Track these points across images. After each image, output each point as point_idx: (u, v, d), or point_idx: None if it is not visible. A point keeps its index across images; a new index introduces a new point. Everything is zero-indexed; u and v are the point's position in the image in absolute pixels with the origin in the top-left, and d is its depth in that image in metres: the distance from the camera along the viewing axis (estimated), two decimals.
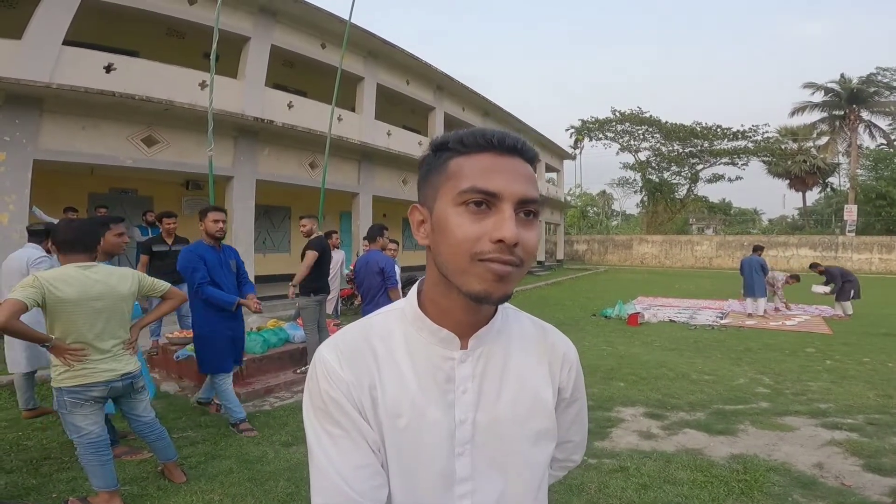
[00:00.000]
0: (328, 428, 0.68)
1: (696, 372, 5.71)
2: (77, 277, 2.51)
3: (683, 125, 33.80)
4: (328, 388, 0.69)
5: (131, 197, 10.50)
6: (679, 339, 7.69)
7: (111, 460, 2.64)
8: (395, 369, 0.72)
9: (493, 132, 0.67)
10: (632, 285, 16.96)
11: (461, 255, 0.64)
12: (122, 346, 2.69)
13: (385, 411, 0.70)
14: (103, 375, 2.57)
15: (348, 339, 0.73)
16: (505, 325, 0.78)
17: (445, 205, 0.66)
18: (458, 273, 0.65)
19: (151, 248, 5.79)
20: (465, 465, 0.72)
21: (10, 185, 6.94)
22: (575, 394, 0.84)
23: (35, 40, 7.06)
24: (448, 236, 0.65)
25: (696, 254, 28.97)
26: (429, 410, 0.71)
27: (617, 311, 9.72)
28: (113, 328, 2.62)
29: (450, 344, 0.72)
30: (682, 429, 3.94)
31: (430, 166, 0.71)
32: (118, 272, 2.71)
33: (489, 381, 0.74)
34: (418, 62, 13.69)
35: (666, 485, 2.96)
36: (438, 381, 0.72)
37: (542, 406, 0.77)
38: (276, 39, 10.22)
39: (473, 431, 0.72)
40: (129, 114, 8.09)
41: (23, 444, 3.45)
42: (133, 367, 2.72)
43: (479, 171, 0.65)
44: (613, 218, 50.42)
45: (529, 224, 0.66)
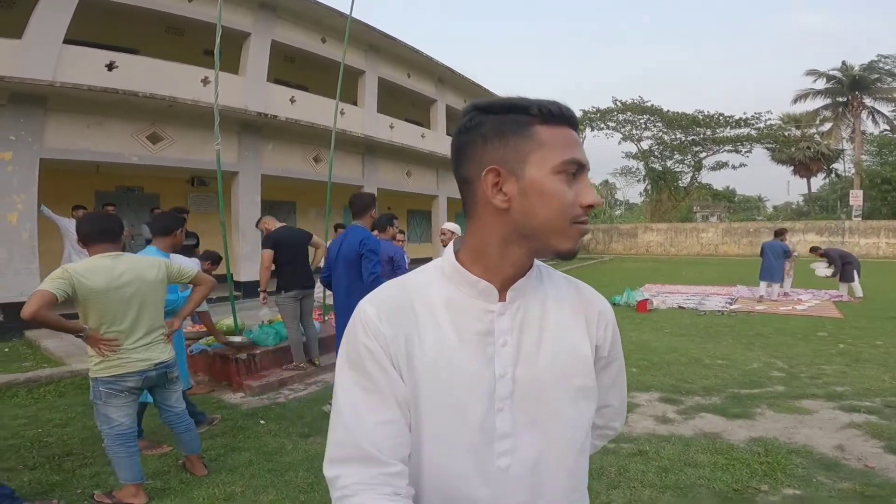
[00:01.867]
0: (360, 380, 0.69)
1: (709, 357, 5.69)
2: (105, 266, 2.51)
3: (685, 113, 33.54)
4: (366, 340, 0.70)
5: (137, 194, 10.51)
6: (689, 325, 7.66)
7: (138, 453, 2.65)
8: (434, 323, 0.72)
9: (561, 104, 0.72)
10: (638, 273, 16.90)
11: (562, 219, 0.69)
12: (158, 336, 2.68)
13: (423, 365, 0.70)
14: (138, 365, 2.57)
15: (388, 294, 0.75)
16: (539, 282, 0.78)
17: (543, 173, 0.69)
18: (556, 233, 0.70)
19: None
20: (505, 420, 0.71)
21: (17, 184, 6.95)
22: (612, 353, 0.84)
23: (36, 39, 7.05)
24: (550, 201, 0.69)
25: (702, 241, 28.83)
26: (468, 363, 0.71)
27: (625, 299, 9.69)
28: (146, 317, 2.61)
29: (489, 296, 0.73)
30: (698, 413, 3.93)
31: (505, 128, 0.70)
32: (146, 260, 2.71)
33: (528, 335, 0.74)
34: (419, 55, 13.62)
35: (687, 468, 2.96)
36: (479, 334, 0.72)
37: (582, 361, 0.77)
38: (277, 35, 10.19)
39: (513, 387, 0.72)
40: (133, 111, 8.09)
41: (44, 441, 3.45)
42: (167, 357, 2.71)
43: (569, 144, 0.70)
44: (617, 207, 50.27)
45: None
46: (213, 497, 2.72)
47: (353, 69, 11.85)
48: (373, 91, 12.62)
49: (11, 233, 6.81)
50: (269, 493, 2.75)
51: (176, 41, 9.81)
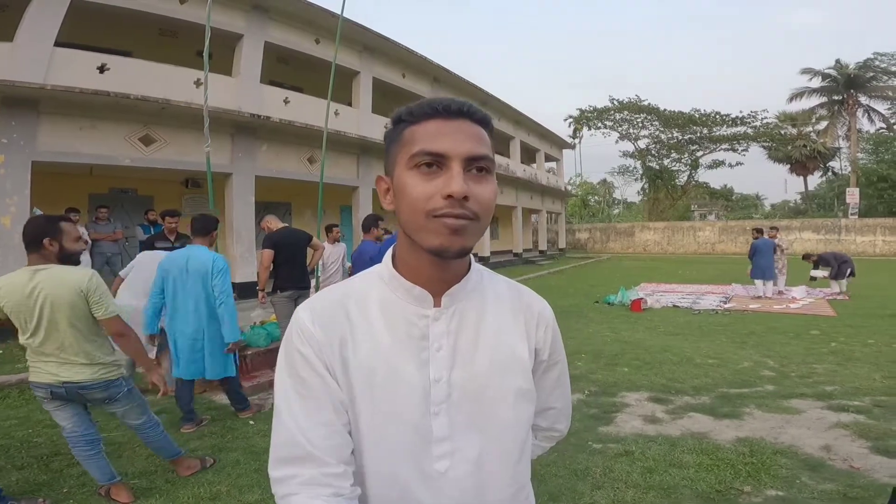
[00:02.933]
0: (296, 386, 0.70)
1: (701, 356, 5.70)
2: (19, 282, 2.42)
3: (682, 112, 33.69)
4: (300, 345, 0.71)
5: (131, 196, 10.49)
6: (683, 324, 7.68)
7: (95, 456, 2.64)
8: (369, 327, 0.73)
9: (440, 99, 0.71)
10: (634, 272, 16.94)
11: (418, 213, 0.67)
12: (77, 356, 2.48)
13: (357, 369, 0.71)
14: (44, 377, 2.49)
15: (325, 299, 0.76)
16: (479, 285, 0.79)
17: (402, 170, 0.70)
18: (418, 230, 0.68)
19: (154, 246, 5.79)
20: (442, 424, 0.73)
21: (10, 187, 6.93)
22: (554, 356, 0.85)
23: (27, 42, 7.02)
24: (405, 197, 0.68)
25: (699, 240, 28.90)
26: (403, 368, 0.72)
27: (620, 298, 9.72)
28: (55, 334, 2.45)
29: (423, 301, 0.74)
30: (687, 413, 3.94)
31: (390, 139, 0.75)
32: (66, 278, 2.45)
33: (464, 339, 0.75)
34: (414, 55, 13.62)
35: (672, 468, 2.96)
36: (413, 338, 0.73)
37: (519, 364, 0.78)
38: (270, 36, 10.16)
39: (449, 390, 0.73)
40: (126, 113, 8.06)
41: (33, 441, 3.47)
42: (82, 378, 2.50)
43: (428, 136, 0.68)
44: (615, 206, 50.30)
45: (481, 179, 0.69)
46: (198, 496, 2.73)
47: (347, 70, 11.83)
48: (367, 91, 12.60)
49: (5, 236, 6.81)
50: (254, 493, 2.76)
51: (169, 43, 9.78)
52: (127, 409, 2.70)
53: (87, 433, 2.63)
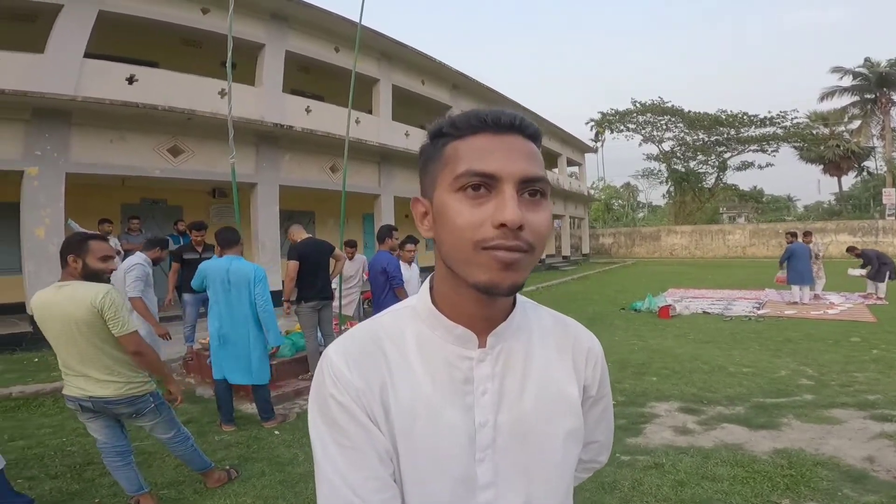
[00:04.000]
0: (335, 436, 0.64)
1: (734, 364, 5.52)
2: (44, 298, 2.50)
3: (707, 113, 32.98)
4: (336, 392, 0.64)
5: (161, 207, 10.76)
6: (714, 331, 7.46)
7: (124, 467, 2.68)
8: (408, 371, 0.67)
9: (487, 111, 0.63)
10: (661, 277, 16.57)
11: (464, 244, 0.60)
12: (101, 372, 2.51)
13: (398, 416, 0.65)
14: (73, 391, 2.56)
15: (357, 340, 0.69)
16: (524, 321, 0.73)
17: (443, 192, 0.63)
18: (463, 264, 0.61)
19: (182, 257, 5.93)
20: (486, 470, 0.67)
21: (44, 199, 7.15)
22: (601, 390, 0.80)
23: (57, 54, 7.21)
24: (448, 225, 0.61)
25: (729, 243, 28.14)
26: (446, 413, 0.66)
27: (647, 305, 9.50)
28: (75, 350, 2.48)
29: (467, 342, 0.68)
30: (720, 423, 3.80)
31: (427, 155, 0.68)
32: (79, 295, 2.46)
33: (510, 381, 0.69)
34: (432, 62, 13.67)
35: (704, 481, 2.85)
36: (455, 382, 0.67)
37: (569, 404, 0.72)
38: (290, 45, 10.29)
39: (495, 434, 0.67)
40: (154, 124, 8.26)
41: (66, 450, 3.54)
42: (107, 393, 2.54)
43: (475, 153, 0.61)
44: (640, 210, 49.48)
45: (536, 205, 0.62)
46: None
47: (366, 77, 11.91)
48: (387, 99, 12.68)
49: (39, 246, 7.03)
50: None
51: (194, 53, 9.98)
52: (155, 423, 2.73)
53: (118, 445, 2.67)
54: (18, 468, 3.22)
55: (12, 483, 2.85)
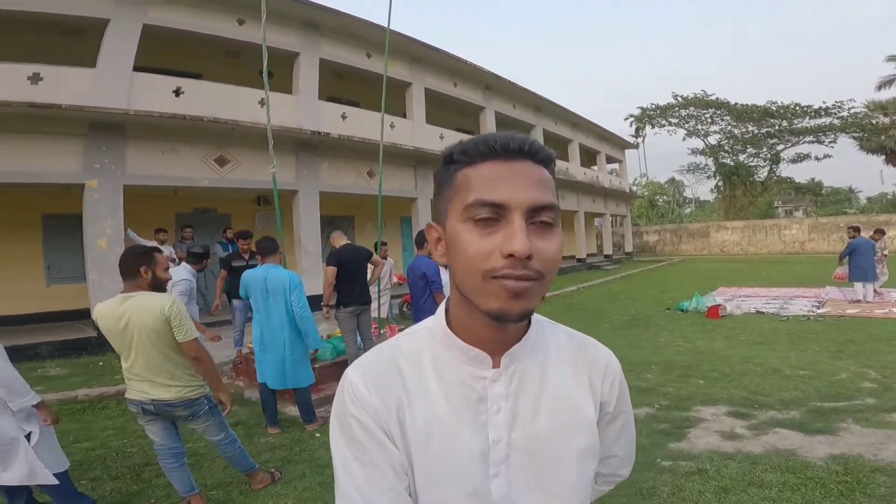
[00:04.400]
0: (355, 452, 0.66)
1: (790, 367, 5.23)
2: (110, 309, 2.64)
3: (756, 105, 31.52)
4: (355, 411, 0.67)
5: (211, 215, 11.25)
6: (768, 332, 7.09)
7: (178, 469, 2.81)
8: (424, 391, 0.70)
9: (497, 136, 0.63)
10: (711, 275, 15.88)
11: (474, 274, 0.61)
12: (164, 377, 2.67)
13: (414, 434, 0.68)
14: (136, 395, 2.70)
15: (375, 361, 0.72)
16: (540, 340, 0.74)
17: (455, 221, 0.64)
18: (474, 291, 0.62)
19: (231, 264, 6.18)
20: (500, 485, 0.68)
21: (105, 210, 7.58)
22: (619, 407, 0.79)
23: (108, 68, 7.58)
24: (460, 254, 0.62)
25: (785, 238, 26.67)
26: (460, 431, 0.68)
27: (694, 304, 9.14)
28: (142, 357, 2.64)
29: (481, 363, 0.70)
30: (771, 428, 3.61)
31: (440, 181, 0.69)
32: (149, 304, 2.64)
33: (524, 399, 0.71)
34: (464, 63, 13.67)
35: (751, 488, 2.72)
36: (470, 402, 0.69)
37: (584, 422, 0.73)
38: (324, 53, 10.49)
39: (508, 451, 0.69)
40: (200, 135, 8.60)
41: (128, 452, 3.71)
42: (170, 396, 2.70)
43: (484, 182, 0.62)
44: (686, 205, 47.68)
45: (546, 232, 0.62)
46: None
47: (399, 81, 12.02)
48: (420, 102, 12.75)
49: (101, 256, 7.48)
50: None
51: (234, 64, 10.29)
52: (207, 425, 2.87)
53: (173, 446, 2.82)
54: (83, 469, 3.41)
55: (77, 483, 3.05)
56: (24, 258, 8.77)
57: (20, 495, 2.65)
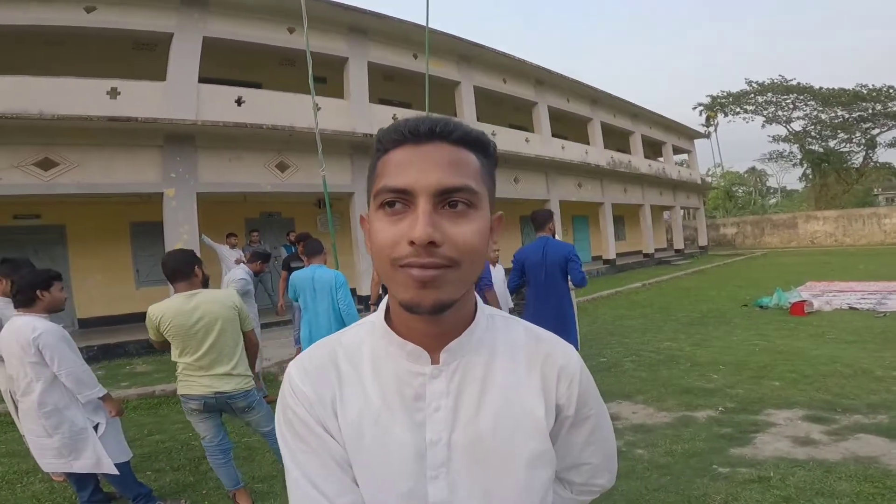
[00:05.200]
0: (297, 443, 0.66)
1: (882, 368, 4.67)
2: (177, 306, 2.72)
3: (844, 89, 28.88)
4: (293, 404, 0.67)
5: (276, 219, 11.84)
6: (861, 330, 6.38)
7: (226, 464, 2.91)
8: (359, 385, 0.67)
9: (408, 121, 0.61)
10: (798, 269, 14.53)
11: (384, 262, 0.59)
12: (227, 368, 2.79)
13: (347, 429, 0.66)
14: (198, 390, 2.76)
15: (314, 355, 0.71)
16: (489, 334, 0.70)
17: (371, 209, 0.62)
18: (388, 281, 0.61)
19: (290, 265, 6.46)
20: (440, 488, 0.65)
21: (182, 216, 8.17)
22: (583, 410, 0.73)
23: (177, 80, 8.10)
24: (373, 243, 0.61)
25: (885, 228, 23.95)
26: (394, 429, 0.65)
27: (776, 300, 8.39)
28: (213, 350, 2.75)
29: (418, 358, 0.66)
30: (853, 434, 3.22)
31: (369, 171, 0.67)
32: (220, 300, 2.84)
33: (467, 398, 0.66)
34: (512, 59, 13.44)
35: (818, 497, 2.44)
36: (406, 399, 0.66)
37: (532, 425, 0.67)
38: (372, 56, 10.65)
39: (449, 453, 0.65)
40: (262, 142, 9.03)
41: (191, 444, 3.87)
42: (231, 388, 2.80)
43: (393, 168, 0.60)
44: (770, 196, 44.10)
45: (460, 216, 0.59)
46: None
47: (447, 81, 12.01)
48: (470, 101, 12.66)
49: None
50: None
51: (289, 72, 10.58)
52: (260, 416, 2.98)
53: (222, 442, 2.94)
54: (150, 461, 3.63)
55: (142, 474, 3.29)
56: (117, 263, 9.62)
57: (88, 483, 2.87)
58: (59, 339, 2.63)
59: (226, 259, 7.71)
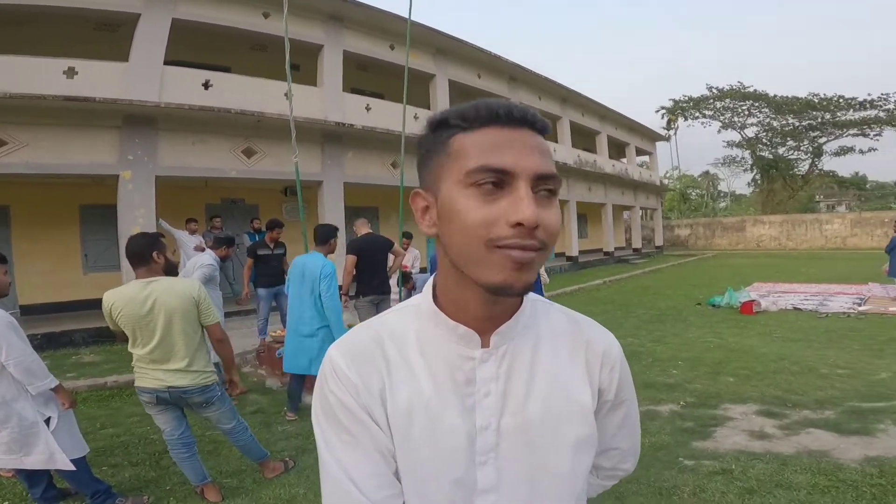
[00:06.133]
0: (338, 433, 0.64)
1: (827, 365, 4.98)
2: (131, 294, 2.58)
3: (797, 97, 30.51)
4: (337, 390, 0.64)
5: (240, 206, 11.46)
6: (806, 329, 6.79)
7: (190, 458, 2.81)
8: (408, 371, 0.66)
9: (498, 103, 0.61)
10: (746, 271, 15.32)
11: (475, 243, 0.57)
12: (180, 363, 2.65)
13: (396, 417, 0.64)
14: (150, 383, 2.65)
15: (358, 339, 0.68)
16: (533, 320, 0.70)
17: (452, 188, 0.59)
18: (473, 263, 0.58)
19: (256, 252, 6.27)
20: (488, 474, 0.64)
21: (138, 200, 7.80)
22: (620, 395, 0.74)
23: (140, 62, 7.78)
24: (457, 222, 0.58)
25: (827, 234, 25.55)
26: (445, 415, 0.64)
27: (727, 300, 8.82)
28: (165, 342, 2.62)
29: (469, 342, 0.65)
30: (804, 428, 3.43)
31: (429, 147, 0.64)
32: (175, 289, 2.67)
33: (516, 383, 0.66)
34: (487, 55, 13.53)
35: (778, 489, 2.59)
36: (457, 383, 0.65)
37: (579, 409, 0.68)
38: (348, 45, 10.51)
39: (498, 438, 0.65)
40: (229, 127, 8.75)
41: (150, 439, 3.73)
42: (185, 383, 2.67)
43: (487, 147, 0.58)
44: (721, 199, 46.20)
45: (549, 203, 0.60)
46: (278, 497, 2.83)
47: (423, 73, 11.95)
48: (444, 94, 12.65)
49: None
50: None
51: (261, 57, 10.38)
52: (221, 413, 2.86)
53: (183, 435, 2.82)
54: (105, 455, 3.46)
55: (98, 469, 3.11)
56: (64, 247, 9.11)
57: (40, 480, 2.71)
58: (6, 327, 2.43)
59: (185, 245, 7.44)
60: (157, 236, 2.81)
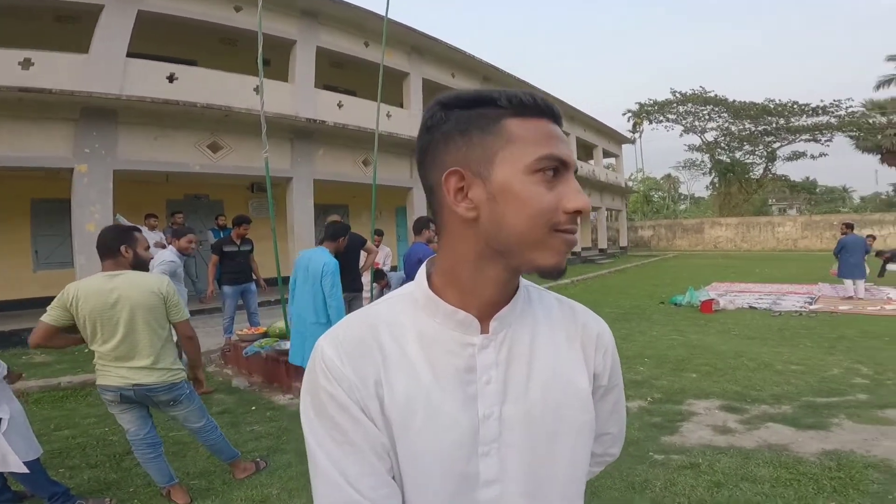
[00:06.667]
0: (329, 430, 0.60)
1: (782, 362, 5.22)
2: (96, 287, 2.50)
3: (754, 103, 31.85)
4: (328, 385, 0.61)
5: (204, 202, 11.12)
6: (761, 327, 7.10)
7: (156, 459, 2.71)
8: (406, 362, 0.63)
9: (535, 94, 0.63)
10: (705, 271, 15.93)
11: (540, 227, 0.59)
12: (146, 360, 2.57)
13: (395, 411, 0.61)
14: (114, 381, 2.56)
15: (350, 330, 0.65)
16: (528, 305, 0.69)
17: (514, 172, 0.59)
18: (532, 246, 0.60)
19: (222, 249, 6.09)
20: (491, 465, 0.63)
21: (94, 195, 7.48)
22: (612, 380, 0.75)
23: (101, 54, 7.50)
24: (522, 207, 0.59)
25: (779, 236, 26.86)
26: (446, 405, 0.62)
27: (688, 299, 9.15)
28: (129, 338, 2.54)
29: (468, 328, 0.64)
30: (764, 423, 3.59)
31: (473, 124, 0.61)
32: (143, 284, 2.58)
33: (516, 369, 0.65)
34: (461, 54, 13.59)
35: (743, 483, 2.70)
36: (458, 371, 0.63)
37: (578, 395, 0.67)
38: (321, 41, 10.39)
39: (500, 427, 0.63)
40: (194, 121, 8.50)
41: (108, 440, 3.61)
42: (150, 381, 2.59)
43: (544, 137, 0.61)
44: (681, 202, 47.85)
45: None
46: (250, 498, 2.76)
47: (397, 71, 11.91)
48: (418, 92, 12.65)
49: (89, 241, 7.33)
50: (301, 497, 2.75)
51: (230, 52, 10.19)
52: (188, 411, 2.77)
53: (148, 435, 2.72)
54: (62, 457, 3.31)
55: (54, 472, 2.97)
56: (12, 243, 8.65)
57: None
58: None
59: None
60: (133, 230, 2.71)
